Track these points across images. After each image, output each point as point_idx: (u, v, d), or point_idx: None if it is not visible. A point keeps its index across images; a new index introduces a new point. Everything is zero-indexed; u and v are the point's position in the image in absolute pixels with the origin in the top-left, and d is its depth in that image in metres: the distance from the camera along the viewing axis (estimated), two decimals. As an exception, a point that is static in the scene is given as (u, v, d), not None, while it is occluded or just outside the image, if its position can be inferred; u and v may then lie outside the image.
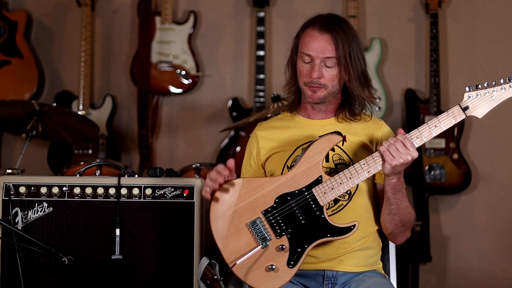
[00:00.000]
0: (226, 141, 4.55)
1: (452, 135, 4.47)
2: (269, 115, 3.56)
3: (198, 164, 3.62)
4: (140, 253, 2.55)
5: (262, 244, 2.22)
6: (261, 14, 4.59)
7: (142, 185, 2.58)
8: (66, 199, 2.57)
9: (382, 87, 4.57)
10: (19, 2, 4.75)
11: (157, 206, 2.57)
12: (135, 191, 2.57)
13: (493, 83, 2.33)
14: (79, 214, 2.56)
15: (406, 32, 4.67)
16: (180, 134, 4.74)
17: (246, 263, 2.23)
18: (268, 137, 2.47)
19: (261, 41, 4.56)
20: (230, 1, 4.75)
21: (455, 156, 4.46)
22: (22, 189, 2.57)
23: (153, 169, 2.64)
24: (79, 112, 4.53)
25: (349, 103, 2.44)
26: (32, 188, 2.57)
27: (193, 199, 2.58)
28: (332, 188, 2.24)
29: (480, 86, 2.37)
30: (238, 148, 4.43)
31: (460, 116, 2.31)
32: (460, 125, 4.47)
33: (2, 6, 4.64)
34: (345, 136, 2.27)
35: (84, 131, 4.03)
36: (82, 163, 3.83)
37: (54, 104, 4.58)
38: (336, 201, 2.35)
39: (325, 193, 2.24)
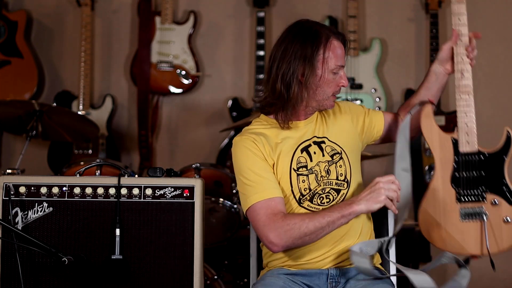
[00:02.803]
0: (226, 141, 4.55)
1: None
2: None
3: (198, 164, 3.63)
4: (140, 253, 2.55)
5: (483, 219, 2.53)
6: (261, 14, 4.59)
7: (142, 185, 2.58)
8: (66, 199, 2.57)
9: (382, 87, 4.57)
10: (19, 2, 4.75)
11: (157, 206, 2.57)
12: (135, 191, 2.57)
13: None
14: (79, 214, 2.56)
15: (406, 32, 4.67)
16: (180, 134, 4.74)
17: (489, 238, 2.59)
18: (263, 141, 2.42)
19: (261, 41, 4.56)
20: (230, 1, 4.75)
21: (455, 156, 4.46)
22: (22, 189, 2.56)
23: (153, 169, 2.64)
24: (79, 112, 4.53)
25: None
26: (32, 188, 2.57)
27: (193, 199, 2.58)
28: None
29: None
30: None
31: None
32: (460, 125, 4.47)
33: (2, 6, 4.64)
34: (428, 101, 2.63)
35: (84, 131, 4.03)
36: (82, 163, 3.83)
37: (54, 104, 4.58)
38: (337, 191, 2.38)
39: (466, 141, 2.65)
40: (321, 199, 2.37)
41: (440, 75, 2.65)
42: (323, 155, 2.41)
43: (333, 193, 2.38)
